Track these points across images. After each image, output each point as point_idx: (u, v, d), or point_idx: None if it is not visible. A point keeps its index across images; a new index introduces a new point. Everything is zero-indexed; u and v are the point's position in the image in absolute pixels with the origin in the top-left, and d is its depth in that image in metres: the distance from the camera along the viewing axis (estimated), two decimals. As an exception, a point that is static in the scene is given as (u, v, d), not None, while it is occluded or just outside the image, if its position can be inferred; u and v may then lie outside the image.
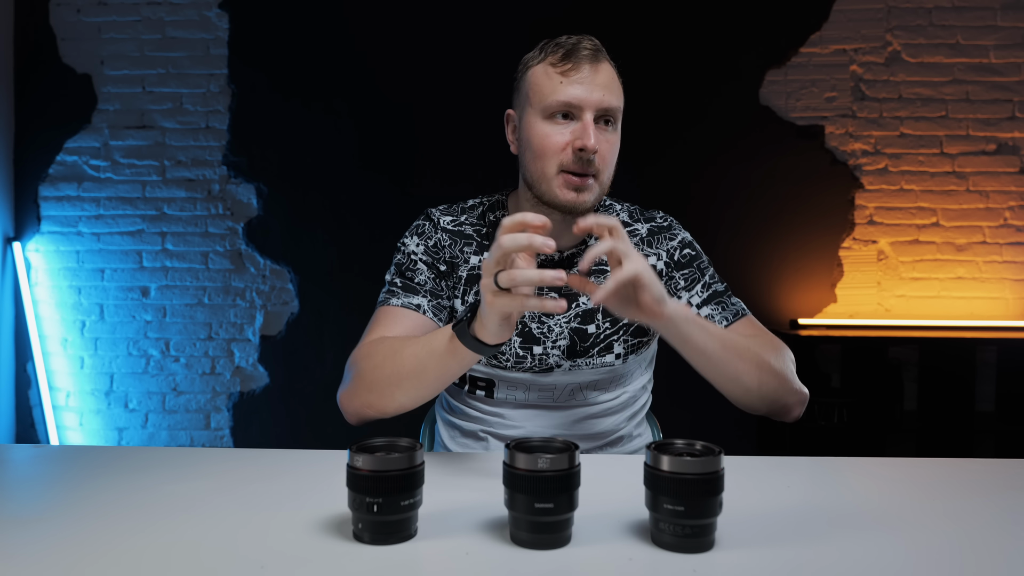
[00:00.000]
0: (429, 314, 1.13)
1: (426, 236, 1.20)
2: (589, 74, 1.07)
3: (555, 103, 1.07)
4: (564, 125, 1.08)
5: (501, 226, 0.83)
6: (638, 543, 0.69)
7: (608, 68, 1.10)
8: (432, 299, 1.15)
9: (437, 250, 1.19)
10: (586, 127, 1.05)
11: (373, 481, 0.67)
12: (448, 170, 3.04)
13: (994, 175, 3.00)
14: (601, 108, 1.07)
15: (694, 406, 1.98)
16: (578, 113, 1.07)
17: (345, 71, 3.08)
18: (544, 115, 1.08)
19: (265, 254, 3.11)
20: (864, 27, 3.01)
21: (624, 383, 1.21)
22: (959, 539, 0.72)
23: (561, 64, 1.08)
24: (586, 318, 1.17)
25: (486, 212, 1.23)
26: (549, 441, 0.71)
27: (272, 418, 3.10)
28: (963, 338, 2.78)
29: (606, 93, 1.07)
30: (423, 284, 1.16)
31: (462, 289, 1.18)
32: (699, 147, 3.04)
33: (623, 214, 1.24)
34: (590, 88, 1.06)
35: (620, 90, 1.12)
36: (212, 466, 0.98)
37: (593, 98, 1.06)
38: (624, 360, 1.18)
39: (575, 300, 1.17)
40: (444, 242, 1.19)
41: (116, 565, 0.65)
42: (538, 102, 1.09)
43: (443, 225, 1.21)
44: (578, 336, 1.16)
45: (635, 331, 1.19)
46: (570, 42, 1.09)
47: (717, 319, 1.15)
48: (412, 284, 1.16)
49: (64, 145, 3.12)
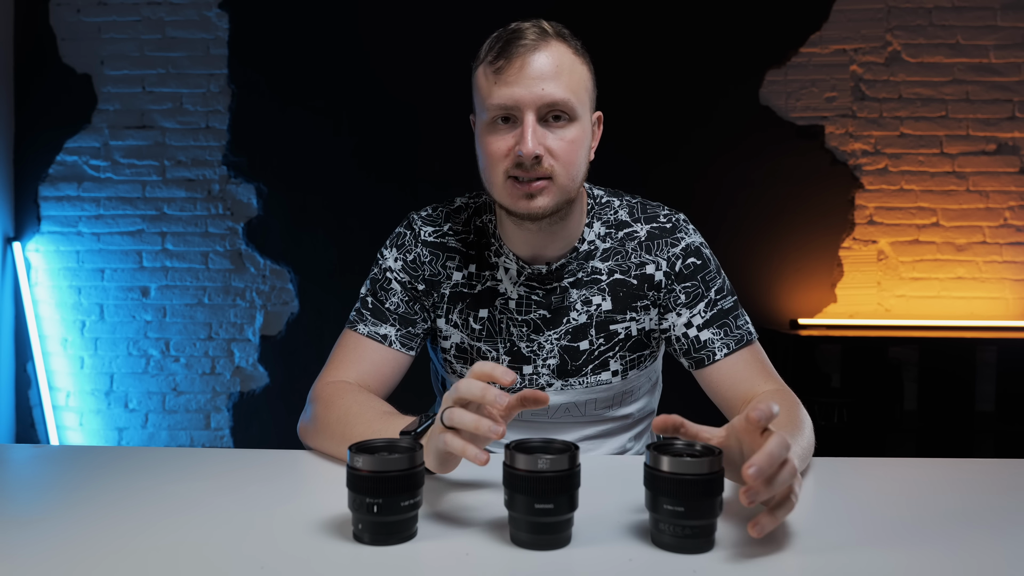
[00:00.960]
0: (396, 345, 1.09)
1: (405, 250, 1.12)
2: (525, 68, 0.95)
3: (491, 108, 0.97)
4: (506, 130, 0.97)
5: (470, 371, 0.76)
6: (638, 544, 0.69)
7: (554, 51, 0.96)
8: (401, 327, 1.10)
9: (416, 267, 1.11)
10: (524, 130, 0.95)
11: (373, 482, 0.67)
12: (448, 170, 3.04)
13: (994, 175, 3.00)
14: (543, 104, 0.95)
15: (694, 407, 1.98)
16: (517, 114, 0.96)
17: (345, 71, 3.08)
18: (488, 123, 0.99)
19: (265, 254, 3.11)
20: (864, 27, 3.01)
21: (627, 401, 1.15)
22: (959, 539, 0.72)
23: (495, 62, 0.96)
24: (577, 335, 1.09)
25: (472, 218, 1.14)
26: (549, 442, 0.71)
27: (272, 418, 3.10)
28: (963, 338, 2.78)
29: (547, 85, 0.94)
30: (393, 310, 1.10)
31: (445, 307, 1.12)
32: (699, 147, 3.04)
33: (622, 211, 1.12)
34: (527, 84, 0.94)
35: (575, 74, 0.97)
36: (212, 466, 0.98)
37: (530, 95, 0.94)
38: (624, 376, 1.12)
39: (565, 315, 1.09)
40: (424, 258, 1.11)
41: (116, 565, 0.65)
42: (480, 109, 1.01)
43: (423, 238, 1.12)
44: (568, 355, 1.09)
45: (632, 345, 1.11)
46: (508, 33, 0.98)
47: (719, 346, 1.05)
48: (382, 309, 1.10)
49: (64, 145, 3.12)
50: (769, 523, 0.65)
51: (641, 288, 1.10)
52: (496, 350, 1.11)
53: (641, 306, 1.10)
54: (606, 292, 1.09)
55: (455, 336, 1.13)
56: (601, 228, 1.11)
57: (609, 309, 1.09)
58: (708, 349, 1.06)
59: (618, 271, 1.10)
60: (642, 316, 1.10)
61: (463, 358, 1.13)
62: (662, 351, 1.20)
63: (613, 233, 1.11)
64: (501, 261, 1.10)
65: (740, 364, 1.05)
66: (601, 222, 1.11)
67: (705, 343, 1.07)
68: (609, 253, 1.10)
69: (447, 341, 1.14)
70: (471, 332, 1.11)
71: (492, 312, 1.10)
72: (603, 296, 1.09)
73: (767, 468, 0.63)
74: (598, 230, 1.11)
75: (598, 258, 1.10)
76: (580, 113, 0.98)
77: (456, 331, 1.12)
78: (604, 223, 1.11)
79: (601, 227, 1.11)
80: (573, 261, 1.09)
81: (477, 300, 1.11)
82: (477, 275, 1.11)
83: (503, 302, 1.10)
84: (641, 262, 1.10)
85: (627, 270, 1.10)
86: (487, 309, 1.10)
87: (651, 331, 1.12)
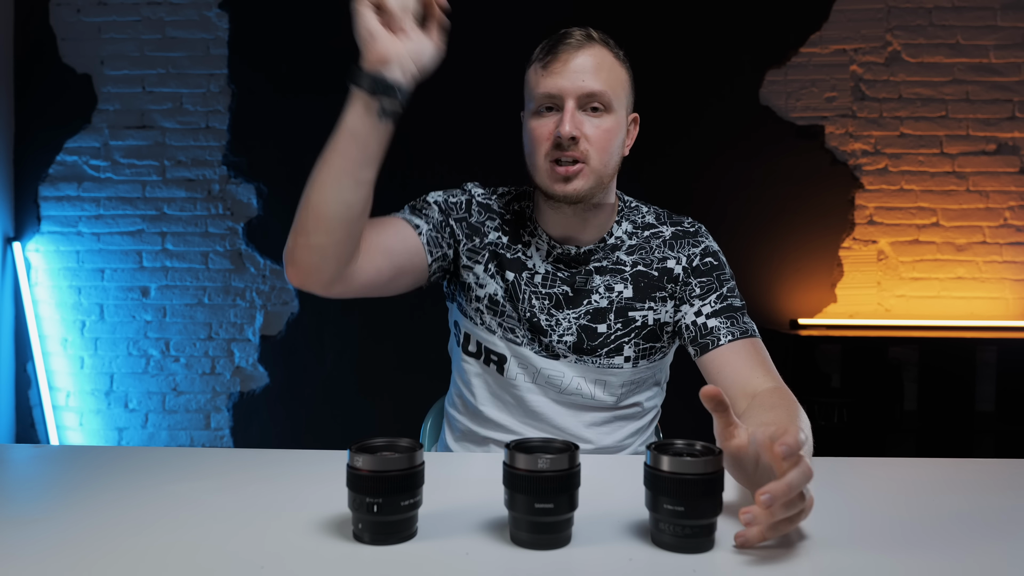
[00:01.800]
0: (424, 239, 1.13)
1: (452, 195, 1.21)
2: (569, 62, 1.07)
3: (538, 97, 1.09)
4: (549, 117, 1.09)
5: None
6: (638, 543, 0.69)
7: (596, 52, 1.09)
8: (433, 231, 1.15)
9: (458, 207, 1.19)
10: (564, 114, 1.06)
11: (373, 481, 0.67)
12: (448, 170, 3.04)
13: (994, 175, 3.00)
14: (583, 94, 1.06)
15: (695, 406, 1.98)
16: (560, 103, 1.07)
17: (345, 70, 3.07)
18: (533, 111, 1.10)
19: (265, 254, 3.11)
20: (864, 27, 3.01)
21: (634, 392, 1.19)
22: (959, 539, 0.72)
23: (545, 59, 1.09)
24: (596, 317, 1.16)
25: (512, 201, 1.23)
26: (549, 441, 0.71)
27: (272, 418, 3.10)
28: (963, 338, 2.78)
29: (587, 78, 1.06)
30: (430, 216, 1.16)
31: (485, 256, 1.18)
32: (699, 147, 3.04)
33: (649, 215, 1.22)
34: (569, 76, 1.06)
35: (613, 73, 1.09)
36: (212, 466, 0.98)
37: (572, 85, 1.06)
38: (635, 364, 1.17)
39: (587, 297, 1.16)
40: (473, 207, 1.20)
41: (116, 565, 0.65)
42: (528, 100, 1.12)
43: (474, 194, 1.22)
44: (586, 334, 1.15)
45: (647, 335, 1.17)
46: (557, 36, 1.10)
47: (724, 333, 1.11)
48: (421, 213, 1.17)
49: (64, 145, 3.12)
50: (756, 539, 0.67)
51: (661, 280, 1.17)
52: (517, 313, 1.17)
53: (659, 297, 1.17)
54: (628, 281, 1.17)
55: (491, 286, 1.18)
56: (629, 226, 1.20)
57: (630, 297, 1.16)
58: (713, 335, 1.11)
59: (641, 263, 1.18)
60: (659, 307, 1.17)
61: (494, 310, 1.18)
62: (672, 350, 1.24)
63: (640, 232, 1.20)
64: (534, 241, 1.19)
65: (742, 353, 1.09)
66: (629, 222, 1.21)
67: (711, 329, 1.12)
68: (634, 248, 1.19)
69: (482, 290, 1.19)
70: (499, 286, 1.17)
71: (517, 279, 1.17)
72: (625, 284, 1.17)
73: (781, 498, 0.63)
74: (626, 228, 1.20)
75: (623, 251, 1.18)
76: (616, 107, 1.09)
77: (492, 282, 1.18)
78: (632, 223, 1.21)
79: (629, 225, 1.20)
80: (600, 250, 1.18)
81: (507, 264, 1.18)
82: (510, 245, 1.19)
83: (529, 275, 1.17)
84: (664, 257, 1.18)
85: (650, 263, 1.18)
86: (514, 274, 1.17)
87: (665, 323, 1.18)
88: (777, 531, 0.67)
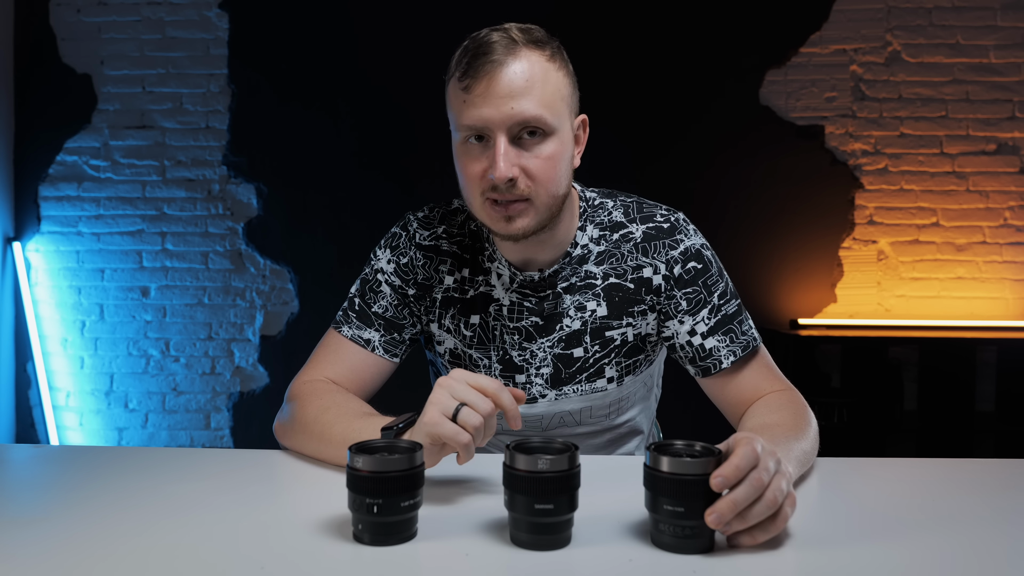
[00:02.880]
0: (379, 351, 1.08)
1: (399, 252, 1.10)
2: (493, 84, 0.90)
3: (462, 128, 0.94)
4: (480, 150, 0.94)
5: (489, 387, 0.78)
6: (638, 544, 0.69)
7: (526, 62, 0.91)
8: (386, 333, 1.08)
9: (408, 270, 1.09)
10: (496, 153, 0.91)
11: (373, 482, 0.67)
12: (448, 170, 3.04)
13: (994, 175, 3.00)
14: (515, 123, 0.91)
15: (695, 411, 1.98)
16: (489, 135, 0.92)
17: (345, 71, 3.08)
18: (461, 142, 0.96)
19: (265, 254, 3.11)
20: (864, 27, 3.01)
21: (624, 408, 1.11)
22: (959, 539, 0.72)
23: (463, 80, 0.92)
24: (571, 342, 1.05)
25: (467, 220, 1.11)
26: (549, 442, 0.71)
27: (272, 418, 3.09)
28: (963, 338, 2.78)
29: (517, 102, 0.90)
30: (380, 314, 1.08)
31: (437, 312, 1.10)
32: (699, 147, 3.04)
33: (616, 212, 1.08)
34: (495, 104, 0.90)
35: (548, 86, 0.92)
36: (212, 466, 0.98)
37: (500, 115, 0.90)
38: (619, 383, 1.07)
39: (559, 322, 1.06)
40: (417, 261, 1.09)
41: (116, 566, 0.65)
42: (453, 126, 0.97)
43: (418, 241, 1.10)
44: (562, 363, 1.06)
45: (628, 351, 1.07)
46: (475, 45, 0.93)
47: (725, 353, 1.02)
48: (368, 313, 1.09)
49: (64, 145, 3.12)
50: (747, 541, 0.67)
51: (638, 292, 1.05)
52: (488, 358, 1.08)
53: (638, 311, 1.06)
54: (601, 297, 1.05)
55: (448, 341, 1.10)
56: (595, 231, 1.07)
57: (604, 315, 1.05)
58: (714, 357, 1.03)
59: (613, 275, 1.05)
60: (639, 321, 1.06)
61: (457, 364, 1.11)
62: (659, 356, 1.16)
63: (607, 235, 1.06)
64: (494, 267, 1.07)
65: (748, 372, 1.03)
66: (594, 224, 1.07)
67: (711, 351, 1.03)
68: (604, 256, 1.06)
69: (441, 346, 1.11)
70: (463, 338, 1.09)
71: (485, 318, 1.07)
72: (597, 301, 1.05)
73: (732, 479, 0.64)
74: (591, 233, 1.07)
75: (592, 262, 1.06)
76: (557, 126, 0.94)
77: (449, 336, 1.10)
78: (597, 225, 1.07)
79: (594, 230, 1.07)
80: (567, 266, 1.05)
81: (469, 305, 1.08)
82: (470, 280, 1.09)
83: (496, 308, 1.07)
84: (638, 265, 1.05)
85: (623, 273, 1.05)
86: (479, 315, 1.08)
87: (647, 336, 1.08)
88: (765, 532, 0.66)
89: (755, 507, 0.65)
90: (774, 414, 0.94)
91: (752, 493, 0.64)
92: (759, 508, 0.65)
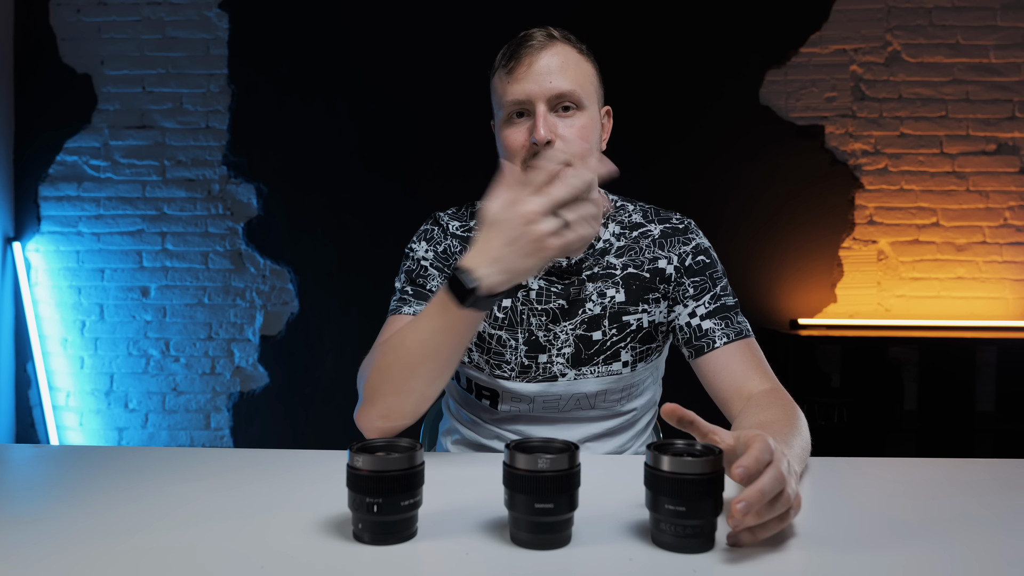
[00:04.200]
0: None
1: (435, 242, 1.18)
2: (534, 65, 1.05)
3: (507, 104, 1.07)
4: (521, 123, 1.07)
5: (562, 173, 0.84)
6: (638, 543, 0.69)
7: (561, 51, 1.07)
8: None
9: (446, 257, 1.16)
10: (536, 119, 1.04)
11: (373, 481, 0.67)
12: (448, 170, 3.04)
13: (994, 175, 3.00)
14: (552, 95, 1.04)
15: (695, 406, 1.98)
16: (530, 108, 1.05)
17: (345, 71, 3.08)
18: (504, 120, 1.08)
19: (265, 254, 3.11)
20: (864, 27, 3.01)
21: (633, 395, 1.18)
22: (959, 539, 0.72)
23: (508, 65, 1.07)
24: (592, 325, 1.14)
25: None
26: (549, 441, 0.71)
27: (272, 418, 3.10)
28: (963, 338, 2.78)
29: (555, 78, 1.04)
30: (435, 291, 1.12)
31: None
32: (699, 147, 3.04)
33: (636, 215, 1.20)
34: (535, 79, 1.05)
35: (580, 69, 1.08)
36: (212, 466, 0.98)
37: (539, 88, 1.04)
38: (633, 368, 1.15)
39: (581, 306, 1.13)
40: (454, 248, 1.17)
41: (116, 565, 0.65)
42: (497, 109, 1.10)
43: (452, 231, 1.18)
44: (583, 343, 1.13)
45: (643, 337, 1.15)
46: (518, 39, 1.09)
47: (719, 335, 1.11)
48: (424, 291, 1.13)
49: (64, 145, 3.12)
50: (748, 539, 0.67)
51: (653, 281, 1.15)
52: (515, 339, 1.14)
53: (652, 299, 1.15)
54: (620, 285, 1.15)
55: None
56: (617, 228, 1.18)
57: (622, 301, 1.14)
58: (708, 337, 1.11)
59: (631, 266, 1.16)
60: (653, 308, 1.15)
61: (481, 346, 1.16)
62: (667, 348, 1.23)
63: (628, 233, 1.18)
64: None
65: (737, 355, 1.09)
66: (616, 223, 1.18)
67: (706, 332, 1.11)
68: (623, 250, 1.17)
69: None
70: (493, 321, 1.15)
71: (515, 303, 1.15)
72: (617, 288, 1.15)
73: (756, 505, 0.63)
74: (613, 230, 1.18)
75: (613, 254, 1.16)
76: (587, 103, 1.07)
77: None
78: (619, 224, 1.19)
79: (617, 227, 1.18)
80: (590, 257, 1.15)
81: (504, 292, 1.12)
82: None
83: (525, 293, 1.15)
84: (654, 257, 1.16)
85: (640, 264, 1.16)
86: (511, 299, 1.15)
87: (659, 324, 1.16)
88: (768, 530, 0.67)
89: (775, 501, 0.65)
90: (768, 412, 0.96)
91: (776, 485, 0.64)
92: (778, 502, 0.65)
